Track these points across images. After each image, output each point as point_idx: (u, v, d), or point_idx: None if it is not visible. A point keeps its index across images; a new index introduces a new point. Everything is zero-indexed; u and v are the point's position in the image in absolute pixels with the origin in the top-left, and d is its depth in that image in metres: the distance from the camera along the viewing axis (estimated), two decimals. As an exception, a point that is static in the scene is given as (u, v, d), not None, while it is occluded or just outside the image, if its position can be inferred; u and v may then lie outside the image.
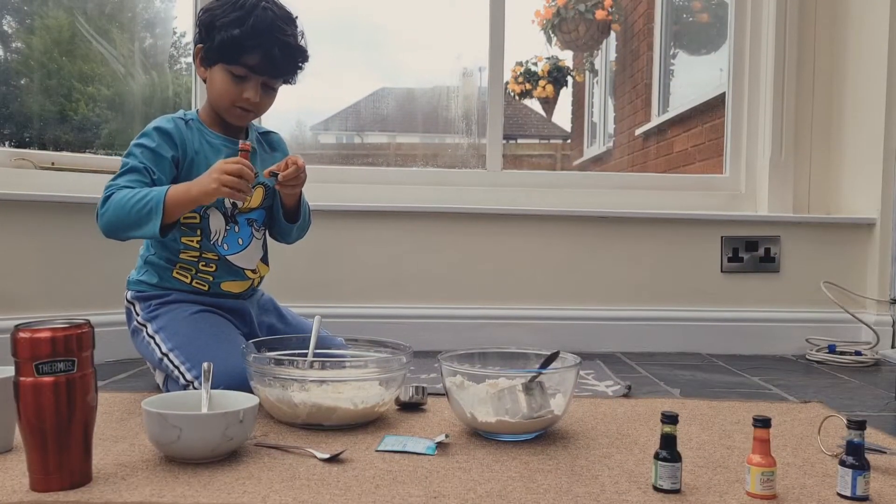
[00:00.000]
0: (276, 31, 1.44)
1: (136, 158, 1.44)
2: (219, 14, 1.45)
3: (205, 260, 1.53)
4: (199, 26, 1.50)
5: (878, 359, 2.15)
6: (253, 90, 1.47)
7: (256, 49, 1.43)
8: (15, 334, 0.97)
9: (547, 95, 5.84)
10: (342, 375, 1.35)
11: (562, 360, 1.31)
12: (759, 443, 0.99)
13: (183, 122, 1.51)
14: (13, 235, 1.89)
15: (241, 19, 1.42)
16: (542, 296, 2.31)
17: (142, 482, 1.02)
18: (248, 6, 1.43)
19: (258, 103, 1.50)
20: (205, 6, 1.51)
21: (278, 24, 1.45)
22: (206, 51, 1.48)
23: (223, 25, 1.43)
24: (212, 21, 1.45)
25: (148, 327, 1.51)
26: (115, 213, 1.38)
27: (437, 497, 0.98)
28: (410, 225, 2.30)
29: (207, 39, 1.47)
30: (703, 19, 4.46)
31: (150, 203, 1.35)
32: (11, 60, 2.51)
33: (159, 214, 1.35)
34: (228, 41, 1.43)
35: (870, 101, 2.27)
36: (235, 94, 1.47)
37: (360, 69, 4.04)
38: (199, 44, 1.50)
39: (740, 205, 2.48)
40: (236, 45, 1.43)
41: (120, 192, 1.39)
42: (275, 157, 1.64)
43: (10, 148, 2.14)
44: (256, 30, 1.42)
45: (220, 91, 1.48)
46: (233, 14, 1.43)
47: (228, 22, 1.43)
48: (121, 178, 1.43)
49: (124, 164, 1.45)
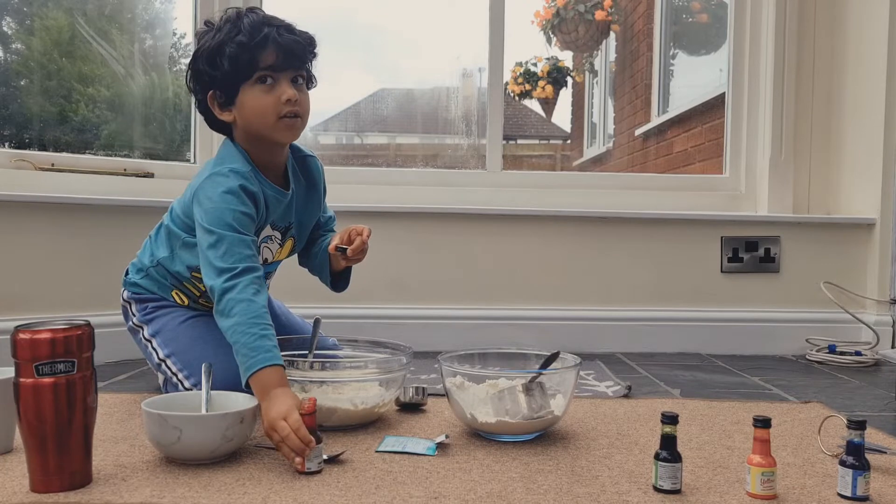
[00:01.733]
0: (271, 21, 1.37)
1: (239, 227, 1.29)
2: (210, 44, 1.35)
3: (207, 297, 1.43)
4: (197, 74, 1.39)
5: (878, 359, 2.15)
6: (287, 87, 1.36)
7: (266, 44, 1.34)
8: (15, 335, 0.97)
9: (546, 96, 5.84)
10: (342, 376, 1.35)
11: (562, 360, 1.32)
12: (759, 443, 0.99)
13: (252, 173, 1.38)
14: (13, 236, 1.89)
15: (234, 30, 1.34)
16: (542, 296, 2.31)
17: (142, 483, 1.02)
18: (233, 18, 1.36)
19: (300, 100, 1.37)
20: (192, 60, 1.40)
21: (271, 18, 1.38)
22: (222, 84, 1.37)
23: (222, 45, 1.34)
24: (210, 56, 1.36)
25: (145, 329, 1.50)
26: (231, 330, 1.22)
27: (437, 498, 0.98)
28: (410, 226, 2.30)
29: (217, 73, 1.36)
30: (703, 20, 4.46)
31: (250, 363, 1.18)
32: (11, 61, 2.50)
33: (244, 377, 1.19)
34: (238, 52, 1.33)
35: (870, 101, 2.27)
36: (275, 103, 1.35)
37: (359, 70, 4.04)
38: (210, 90, 1.39)
39: (740, 205, 2.48)
40: (247, 50, 1.33)
41: (252, 307, 1.22)
42: (310, 191, 1.53)
43: (9, 149, 2.14)
44: (255, 27, 1.34)
45: (258, 110, 1.36)
46: (223, 33, 1.35)
47: (225, 38, 1.34)
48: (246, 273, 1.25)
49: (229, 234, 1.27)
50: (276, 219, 1.45)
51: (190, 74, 1.41)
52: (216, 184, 1.33)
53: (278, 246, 1.51)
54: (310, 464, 1.06)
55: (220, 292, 1.23)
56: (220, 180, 1.33)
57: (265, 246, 1.47)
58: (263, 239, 1.45)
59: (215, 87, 1.38)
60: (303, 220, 1.54)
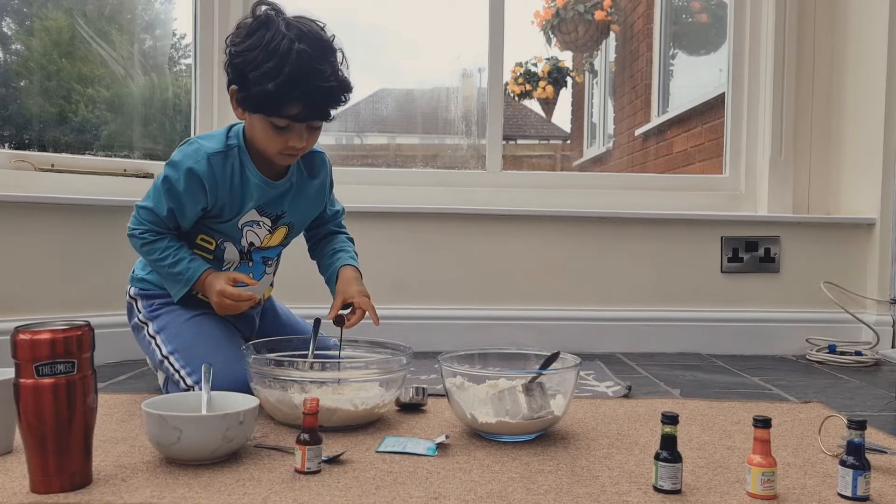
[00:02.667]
0: (315, 77, 1.30)
1: (162, 201, 1.41)
2: (250, 61, 1.31)
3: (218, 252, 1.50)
4: (229, 67, 1.37)
5: (878, 359, 2.15)
6: (297, 137, 1.36)
7: (297, 100, 1.31)
8: (15, 336, 0.97)
9: (546, 96, 5.84)
10: (342, 377, 1.35)
11: (562, 360, 1.31)
12: (759, 443, 0.99)
13: (222, 157, 1.41)
14: (13, 237, 1.89)
15: (276, 70, 1.28)
16: (542, 296, 2.31)
17: (142, 484, 1.02)
18: (282, 52, 1.28)
19: (306, 145, 1.40)
20: (232, 43, 1.36)
21: (316, 68, 1.30)
22: (242, 99, 1.36)
23: (256, 79, 1.30)
24: (243, 70, 1.32)
25: (149, 326, 1.51)
26: (150, 259, 1.48)
27: (437, 498, 0.98)
28: (410, 226, 2.30)
29: (241, 87, 1.35)
30: (703, 20, 4.46)
31: (181, 278, 1.44)
32: (11, 62, 2.51)
33: (182, 291, 1.46)
34: (265, 95, 1.30)
35: (869, 101, 2.27)
36: (281, 144, 1.37)
37: (359, 70, 4.04)
38: (233, 85, 1.37)
39: (740, 205, 2.48)
40: (274, 99, 1.30)
41: (156, 244, 1.44)
42: (312, 185, 1.54)
43: (9, 150, 2.14)
44: (294, 80, 1.28)
45: (264, 140, 1.38)
46: (266, 65, 1.28)
47: (262, 75, 1.29)
48: (149, 216, 1.43)
49: (154, 198, 1.43)
50: (263, 205, 1.47)
51: (227, 59, 1.37)
52: (181, 152, 1.42)
53: (267, 232, 1.51)
54: (310, 464, 1.06)
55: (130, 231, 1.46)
56: (185, 149, 1.42)
57: (249, 230, 1.48)
58: (247, 223, 1.47)
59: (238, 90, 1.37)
60: (301, 211, 1.55)
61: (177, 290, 1.47)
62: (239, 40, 1.35)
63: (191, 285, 1.44)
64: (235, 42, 1.35)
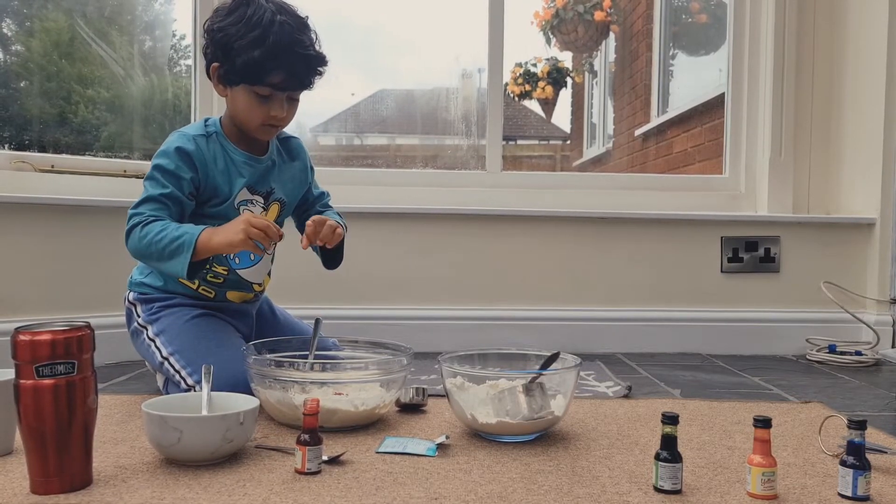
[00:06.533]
0: (296, 45, 1.40)
1: (157, 184, 1.42)
2: (234, 34, 1.39)
3: (213, 272, 1.52)
4: (211, 45, 1.44)
5: (878, 359, 2.15)
6: (279, 107, 1.44)
7: (280, 68, 1.40)
8: (15, 337, 0.97)
9: (546, 96, 5.84)
10: (343, 377, 1.35)
11: (562, 360, 1.31)
12: (759, 443, 0.99)
13: (204, 139, 1.48)
14: (13, 238, 1.89)
15: (260, 39, 1.38)
16: (542, 296, 2.31)
17: (142, 485, 1.02)
18: (265, 23, 1.38)
19: (287, 115, 1.48)
20: (213, 23, 1.44)
21: (297, 38, 1.41)
22: (226, 72, 1.43)
23: (242, 48, 1.38)
24: (227, 42, 1.40)
25: (149, 329, 1.51)
26: (146, 248, 1.38)
27: (437, 498, 0.98)
28: (410, 226, 2.30)
29: (225, 60, 1.42)
30: (702, 20, 4.46)
31: (181, 246, 1.35)
32: (11, 63, 2.51)
33: (186, 258, 1.34)
34: (250, 63, 1.39)
35: (869, 101, 2.27)
36: (263, 114, 1.44)
37: (358, 71, 4.04)
38: (215, 62, 1.45)
39: (740, 205, 2.48)
40: (258, 66, 1.39)
41: (150, 226, 1.38)
42: (294, 166, 1.62)
43: (9, 150, 2.14)
44: (278, 48, 1.38)
45: (247, 112, 1.45)
46: (250, 35, 1.38)
47: (247, 44, 1.38)
48: (144, 205, 1.42)
49: (146, 190, 1.43)
50: (252, 183, 1.51)
51: (206, 39, 1.45)
52: (165, 142, 1.47)
53: (262, 210, 1.55)
54: (310, 465, 1.06)
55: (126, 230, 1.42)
56: (168, 138, 1.47)
57: (245, 210, 1.51)
58: (242, 202, 1.51)
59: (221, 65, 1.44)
60: (288, 188, 1.60)
61: (181, 259, 1.36)
62: (220, 18, 1.44)
63: (194, 245, 1.35)
64: (216, 21, 1.44)
